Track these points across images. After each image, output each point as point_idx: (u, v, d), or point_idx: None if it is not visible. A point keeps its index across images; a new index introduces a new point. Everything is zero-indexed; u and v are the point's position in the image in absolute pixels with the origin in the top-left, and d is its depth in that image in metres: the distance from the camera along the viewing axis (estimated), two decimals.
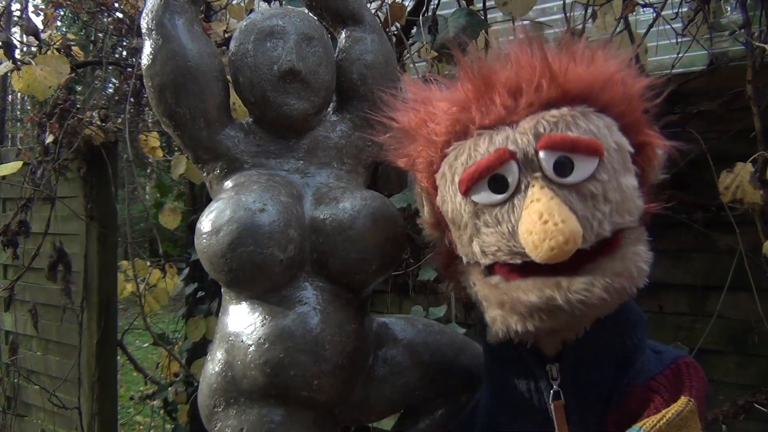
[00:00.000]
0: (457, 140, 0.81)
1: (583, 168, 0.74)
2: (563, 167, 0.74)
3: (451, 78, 0.87)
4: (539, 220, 0.70)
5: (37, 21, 2.18)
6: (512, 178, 0.75)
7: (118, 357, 2.79)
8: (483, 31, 1.49)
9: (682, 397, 0.77)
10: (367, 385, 1.08)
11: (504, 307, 0.75)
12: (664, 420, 0.74)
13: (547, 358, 0.83)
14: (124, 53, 2.85)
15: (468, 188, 0.78)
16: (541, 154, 0.74)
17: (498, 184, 0.76)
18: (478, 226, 0.78)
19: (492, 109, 0.79)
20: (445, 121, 0.82)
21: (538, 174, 0.74)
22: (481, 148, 0.77)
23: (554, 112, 0.76)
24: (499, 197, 0.76)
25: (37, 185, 2.41)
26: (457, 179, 0.79)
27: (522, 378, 0.85)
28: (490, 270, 0.80)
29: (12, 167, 2.17)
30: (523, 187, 0.74)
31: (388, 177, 1.87)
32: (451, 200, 0.82)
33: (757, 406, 1.43)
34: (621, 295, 0.73)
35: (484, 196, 0.77)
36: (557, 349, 0.82)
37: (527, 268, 0.74)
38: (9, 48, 1.93)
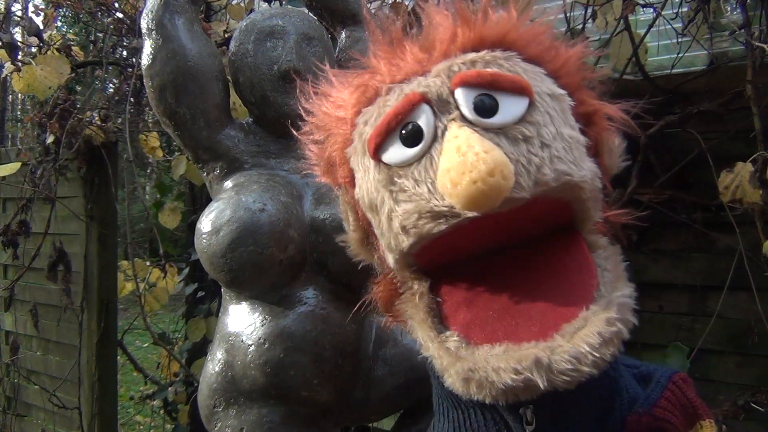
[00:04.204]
0: (367, 107, 0.70)
1: (510, 108, 0.63)
2: (486, 108, 0.62)
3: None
4: (457, 153, 0.58)
5: (37, 21, 2.18)
6: (426, 125, 0.64)
7: (118, 357, 2.79)
8: None
9: (705, 422, 0.71)
10: (367, 385, 1.08)
11: (470, 384, 0.61)
12: None
13: (519, 400, 0.68)
14: (124, 53, 2.85)
15: (377, 146, 0.66)
16: (458, 92, 0.63)
17: (412, 136, 0.64)
18: (394, 194, 0.65)
19: (402, 65, 0.68)
20: (354, 92, 0.72)
21: (455, 113, 0.63)
22: (390, 102, 0.66)
23: (471, 54, 0.66)
24: (414, 151, 0.64)
25: (37, 185, 2.40)
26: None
27: (490, 423, 0.71)
28: (438, 318, 0.66)
29: (11, 168, 2.17)
30: (440, 133, 0.63)
31: None
32: (365, 178, 0.69)
33: (754, 405, 1.42)
34: (611, 360, 0.60)
35: (397, 153, 0.65)
36: None
37: (475, 303, 0.62)
38: (12, 49, 1.92)
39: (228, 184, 1.07)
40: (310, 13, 1.18)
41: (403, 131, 0.64)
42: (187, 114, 1.04)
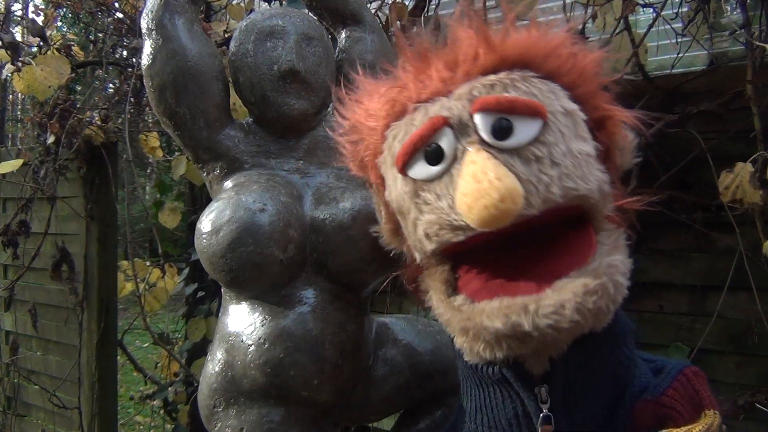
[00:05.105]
0: (396, 122, 0.77)
1: (524, 130, 0.69)
2: (503, 131, 0.68)
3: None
4: (473, 180, 0.65)
5: (38, 21, 2.18)
6: (448, 147, 0.70)
7: (118, 357, 2.79)
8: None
9: (709, 411, 0.73)
10: (367, 385, 1.08)
11: (467, 334, 0.70)
12: None
13: (534, 378, 0.74)
14: (124, 53, 2.85)
15: (404, 163, 0.73)
16: (477, 117, 0.69)
17: (435, 155, 0.71)
18: (419, 205, 0.73)
19: (428, 83, 0.75)
20: (384, 105, 0.79)
21: (473, 138, 0.69)
22: (416, 121, 0.73)
23: (491, 76, 0.71)
24: (436, 169, 0.71)
25: (41, 185, 2.41)
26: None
27: (507, 400, 0.76)
28: (453, 288, 0.75)
29: (13, 165, 2.17)
30: (459, 155, 0.70)
31: None
32: (394, 186, 0.77)
33: (758, 406, 1.42)
34: (598, 316, 0.67)
35: (421, 170, 0.72)
36: (545, 369, 0.73)
37: (487, 275, 0.69)
38: (15, 50, 1.92)
39: (228, 184, 1.07)
40: (310, 13, 1.18)
41: (427, 150, 0.71)
42: (187, 114, 1.04)
